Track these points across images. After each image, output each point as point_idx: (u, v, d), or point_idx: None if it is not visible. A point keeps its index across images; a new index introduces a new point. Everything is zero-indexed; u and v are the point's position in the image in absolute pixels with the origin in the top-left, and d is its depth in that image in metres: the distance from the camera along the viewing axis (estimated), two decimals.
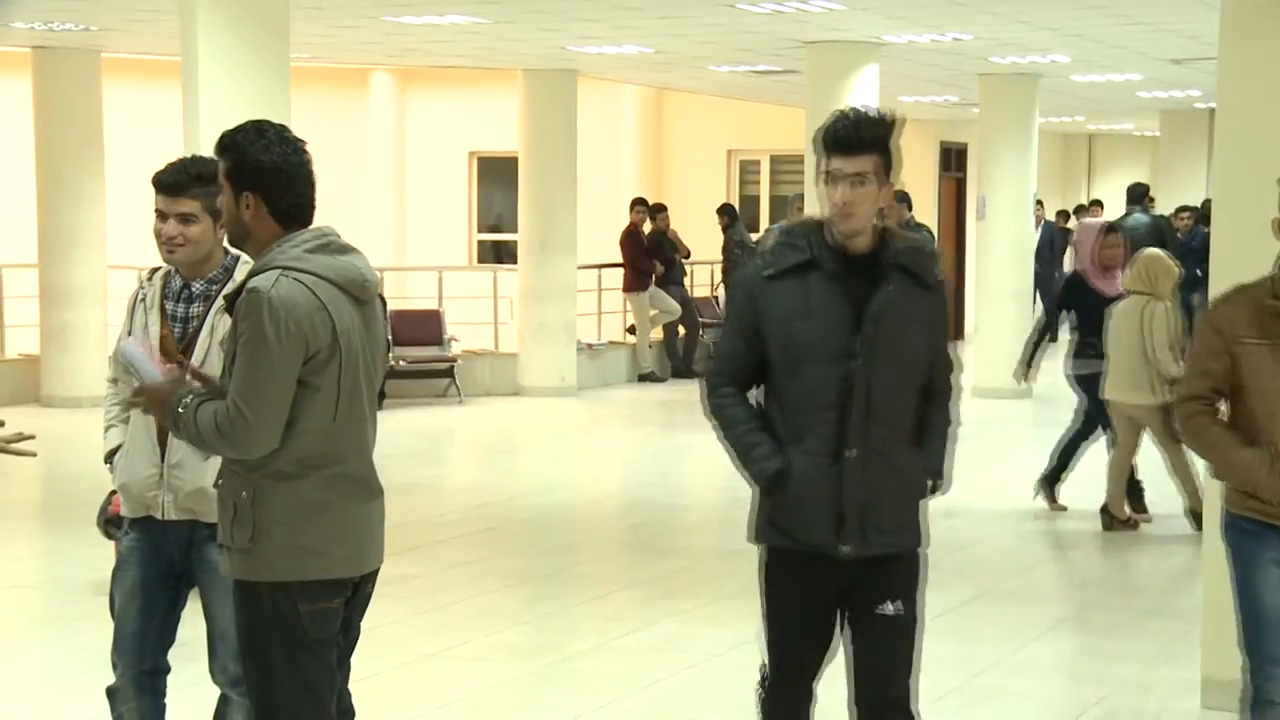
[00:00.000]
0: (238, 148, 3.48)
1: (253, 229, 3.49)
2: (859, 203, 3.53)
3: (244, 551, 3.45)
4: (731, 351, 3.73)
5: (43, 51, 13.28)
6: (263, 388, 3.35)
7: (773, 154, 20.24)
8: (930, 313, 3.66)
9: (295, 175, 3.50)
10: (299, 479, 3.44)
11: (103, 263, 13.40)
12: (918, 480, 3.71)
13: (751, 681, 3.86)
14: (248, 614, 3.50)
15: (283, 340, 3.35)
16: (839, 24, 11.21)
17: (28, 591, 7.28)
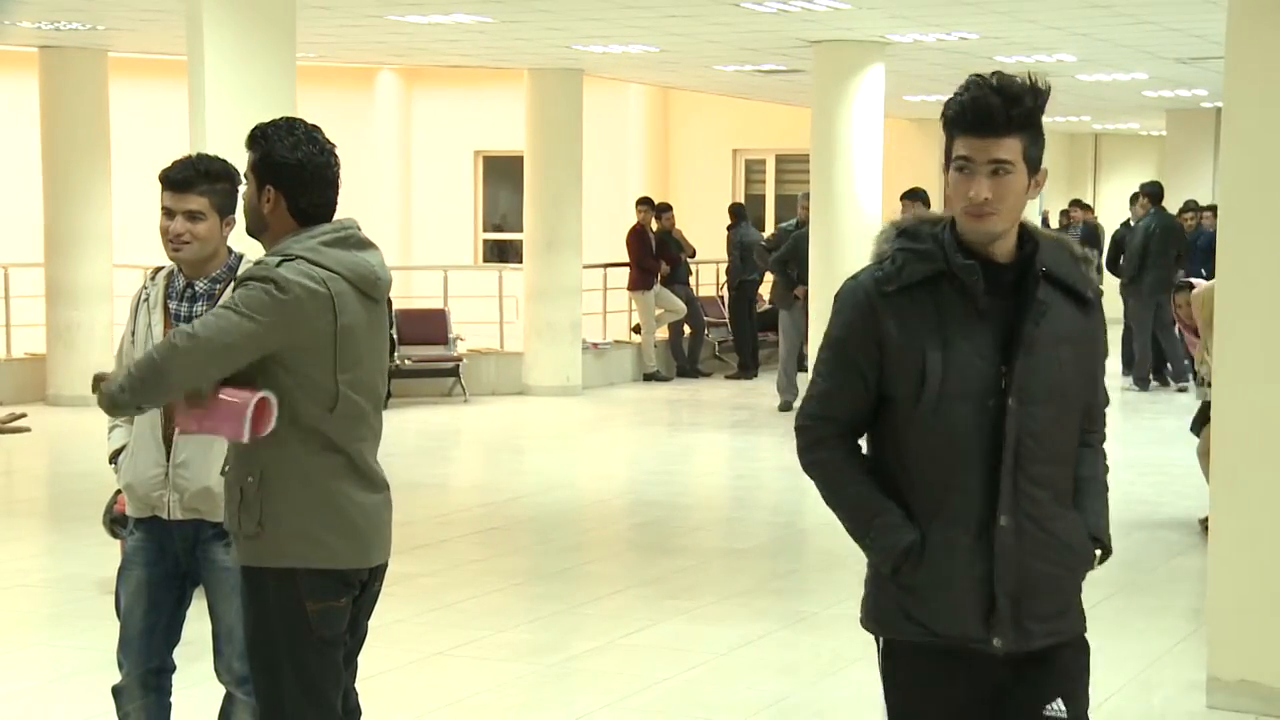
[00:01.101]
0: (266, 141, 3.53)
1: (271, 223, 3.53)
2: (1002, 199, 2.77)
3: (251, 537, 3.47)
4: (836, 389, 2.90)
5: (50, 51, 13.29)
6: (221, 332, 3.36)
7: (778, 153, 20.23)
8: (1089, 335, 2.91)
9: (318, 176, 3.54)
10: (305, 467, 3.46)
11: (108, 262, 13.41)
12: (1081, 551, 2.92)
13: (757, 679, 3.84)
14: (255, 608, 3.51)
15: (267, 314, 3.37)
16: (844, 23, 11.20)
17: (34, 590, 7.29)
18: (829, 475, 2.94)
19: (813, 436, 2.94)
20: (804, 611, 6.84)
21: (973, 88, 2.87)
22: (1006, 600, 2.81)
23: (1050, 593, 2.86)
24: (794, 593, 7.30)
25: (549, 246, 14.61)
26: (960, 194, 2.79)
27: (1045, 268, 2.83)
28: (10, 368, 13.54)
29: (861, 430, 2.93)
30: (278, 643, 3.49)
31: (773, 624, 6.57)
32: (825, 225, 12.12)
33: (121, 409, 3.60)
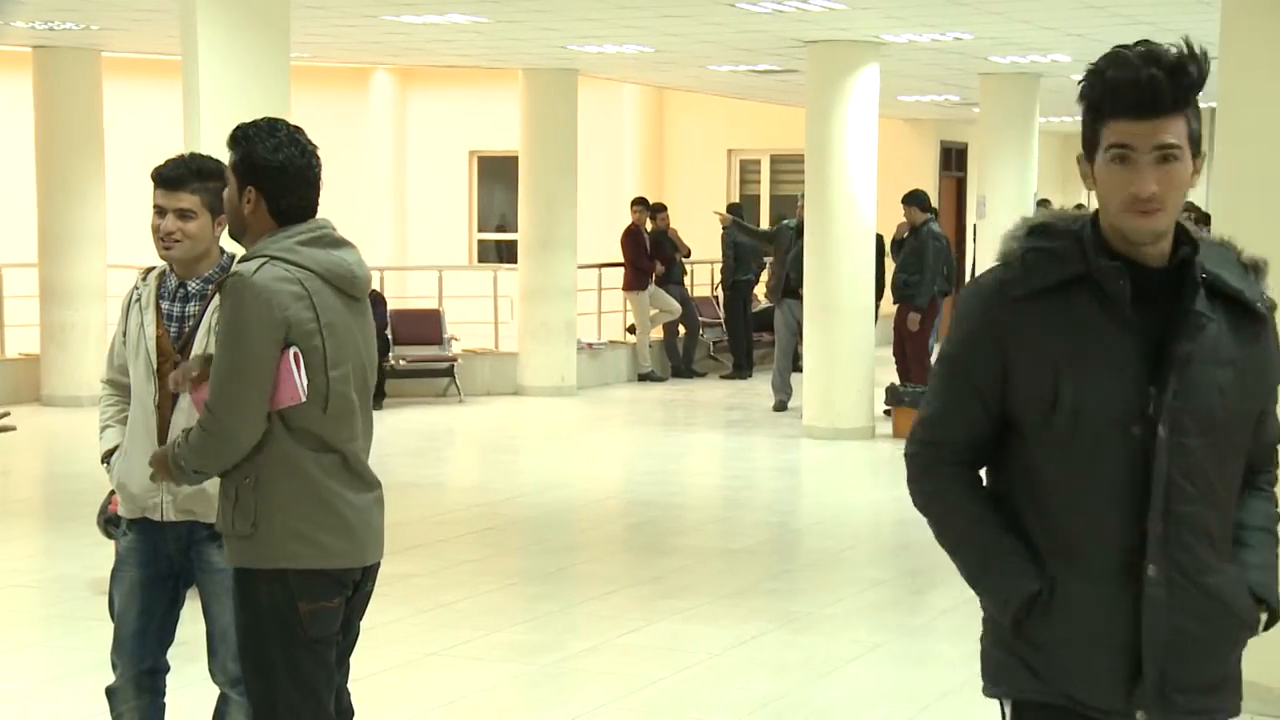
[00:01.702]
0: (248, 142, 3.53)
1: (251, 224, 3.54)
2: (1169, 190, 2.35)
3: (244, 538, 3.48)
4: (950, 411, 2.51)
5: (43, 51, 13.28)
6: (235, 370, 3.41)
7: (773, 153, 20.24)
8: (1259, 357, 2.46)
9: (299, 177, 3.53)
10: (299, 466, 3.46)
11: (103, 262, 13.40)
12: (1242, 614, 2.49)
13: (751, 679, 3.83)
14: (247, 610, 3.52)
15: (259, 323, 3.39)
16: (839, 23, 11.21)
17: (28, 590, 7.28)
18: (941, 509, 2.54)
19: (923, 464, 2.54)
20: (798, 612, 6.84)
21: (1122, 62, 2.39)
22: (1154, 666, 2.40)
23: (1203, 661, 2.44)
24: (788, 593, 7.31)
25: (544, 246, 14.61)
26: (1119, 188, 2.35)
27: (1206, 274, 2.41)
28: (5, 368, 13.53)
29: (982, 458, 2.52)
30: (270, 644, 3.49)
31: (767, 624, 6.57)
32: (820, 226, 12.12)
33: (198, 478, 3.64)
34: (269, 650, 3.49)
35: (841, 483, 10.51)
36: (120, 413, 4.08)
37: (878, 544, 8.53)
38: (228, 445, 3.45)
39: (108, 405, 4.13)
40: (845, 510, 9.31)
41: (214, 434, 3.45)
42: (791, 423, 12.55)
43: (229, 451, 3.45)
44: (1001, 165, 14.64)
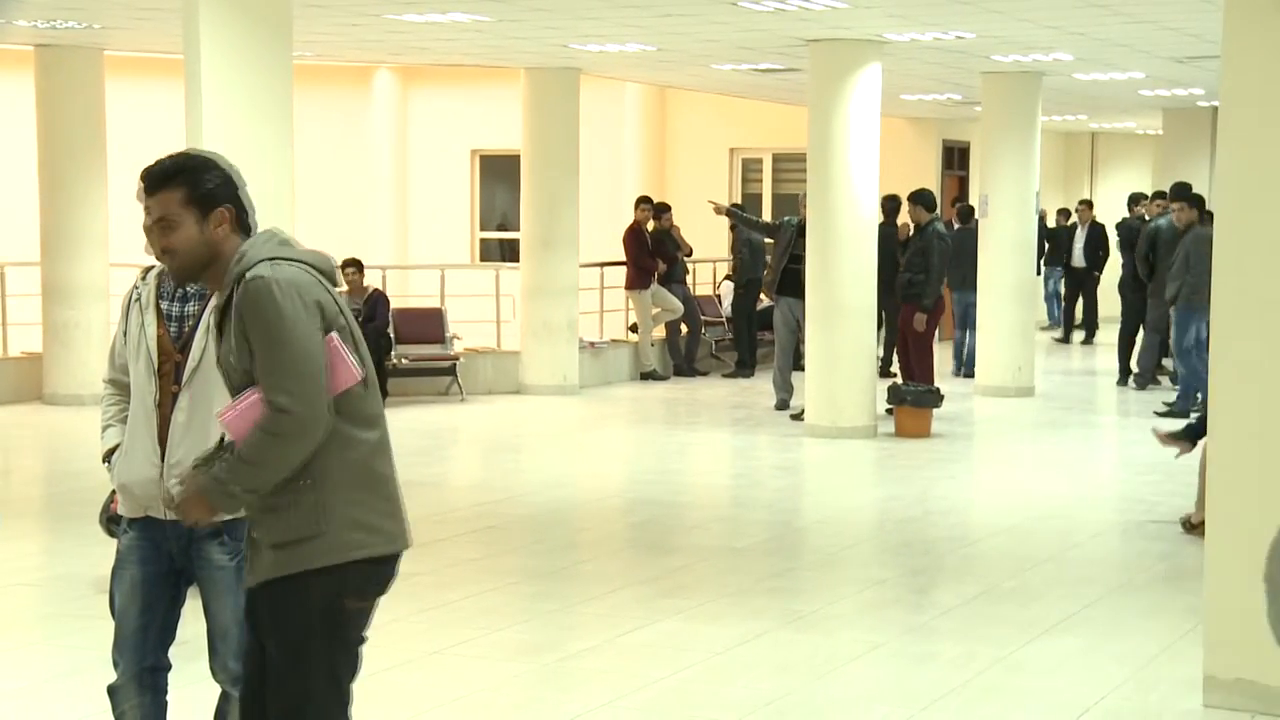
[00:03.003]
0: (202, 169, 3.54)
1: (224, 247, 3.51)
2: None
3: (309, 539, 3.42)
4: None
5: (46, 50, 13.28)
6: (294, 359, 3.35)
7: (775, 152, 20.23)
8: None
9: (245, 190, 3.60)
10: (351, 448, 3.47)
11: (105, 261, 13.40)
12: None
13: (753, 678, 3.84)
14: (298, 609, 3.46)
15: (299, 311, 3.38)
16: (841, 22, 11.20)
17: (30, 589, 7.28)
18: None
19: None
20: (800, 611, 6.84)
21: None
22: None
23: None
24: (790, 592, 7.30)
25: (546, 245, 14.61)
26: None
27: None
28: (7, 367, 13.53)
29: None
30: (318, 643, 3.47)
31: (769, 623, 6.57)
32: (822, 224, 12.11)
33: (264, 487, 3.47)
34: (314, 649, 3.46)
35: (843, 482, 10.51)
36: (121, 412, 4.08)
37: (879, 543, 8.53)
38: (306, 443, 3.37)
39: (109, 405, 4.14)
40: (847, 509, 9.31)
41: (290, 435, 3.35)
42: (793, 421, 12.54)
43: (305, 449, 3.38)
44: (1004, 164, 14.63)
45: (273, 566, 3.46)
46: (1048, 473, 10.84)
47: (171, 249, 3.51)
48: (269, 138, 7.86)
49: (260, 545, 3.49)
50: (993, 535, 8.52)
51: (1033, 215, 14.88)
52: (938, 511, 9.23)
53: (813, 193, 12.24)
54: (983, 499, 9.91)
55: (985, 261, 14.76)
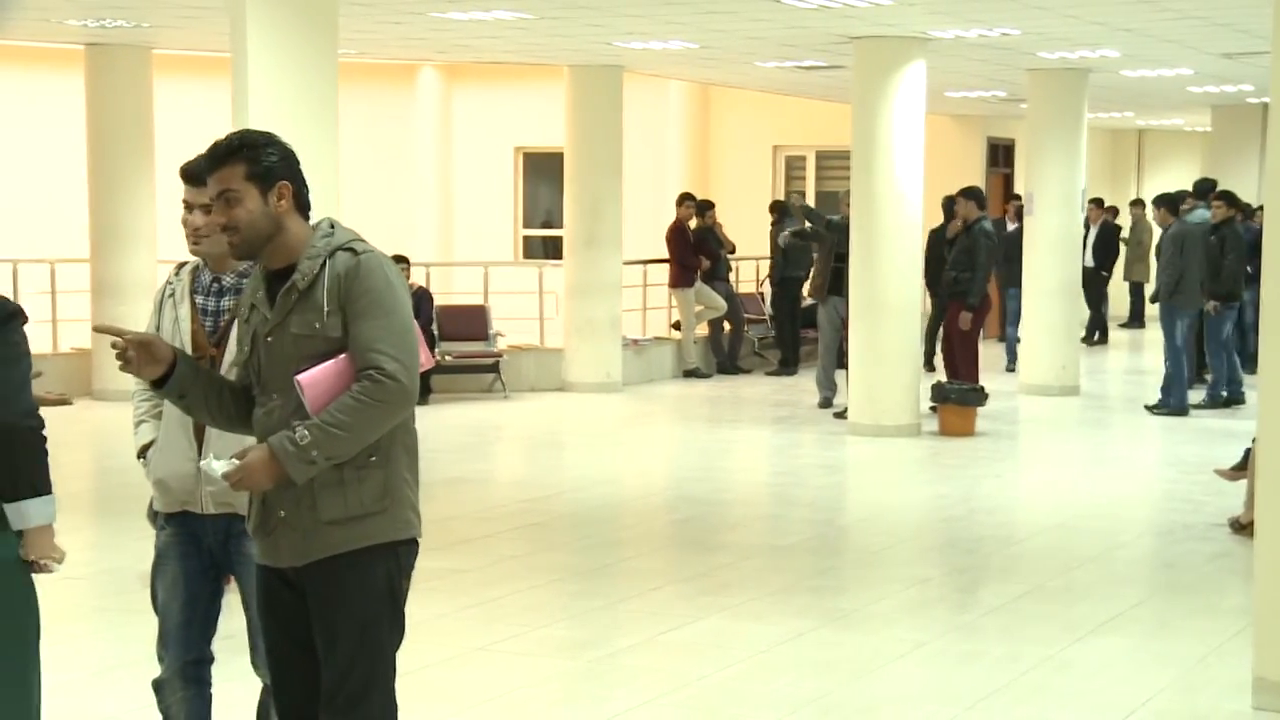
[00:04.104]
0: (263, 145, 3.52)
1: (286, 222, 3.51)
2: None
3: (374, 515, 3.46)
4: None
5: (95, 49, 13.40)
6: (402, 330, 3.43)
7: (819, 150, 20.17)
8: None
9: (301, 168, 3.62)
10: (406, 435, 3.53)
11: (153, 257, 13.51)
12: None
13: (796, 676, 3.85)
14: (363, 591, 3.47)
15: (402, 289, 3.49)
16: (886, 19, 11.16)
17: (79, 582, 7.34)
18: None
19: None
20: (844, 609, 6.82)
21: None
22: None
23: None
24: (834, 590, 7.29)
25: (589, 243, 14.63)
26: None
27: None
28: (57, 362, 13.66)
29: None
30: (383, 625, 3.50)
31: (813, 621, 6.56)
32: (866, 222, 12.07)
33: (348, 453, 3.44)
34: (380, 631, 3.49)
35: (887, 480, 10.47)
36: (154, 408, 4.09)
37: (923, 541, 8.49)
38: (401, 412, 3.43)
39: (141, 401, 4.15)
40: (890, 507, 9.28)
41: (393, 403, 3.38)
42: (836, 419, 12.51)
43: (397, 419, 3.43)
44: (1049, 161, 14.53)
45: (325, 544, 3.46)
46: (1093, 472, 10.77)
47: (234, 224, 3.47)
48: (314, 135, 7.90)
49: (296, 524, 3.47)
50: (1038, 534, 8.47)
51: (1078, 213, 14.78)
52: (982, 510, 9.18)
53: (856, 191, 12.20)
54: (1027, 498, 9.85)
55: (1030, 260, 14.67)
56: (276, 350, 3.49)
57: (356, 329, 3.41)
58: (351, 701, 3.47)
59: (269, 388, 3.51)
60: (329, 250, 3.47)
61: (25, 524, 3.51)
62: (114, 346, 3.54)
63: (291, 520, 3.48)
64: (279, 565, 3.55)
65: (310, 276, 3.45)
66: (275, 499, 3.50)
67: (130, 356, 3.50)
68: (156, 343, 3.56)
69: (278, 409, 3.47)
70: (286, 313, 3.48)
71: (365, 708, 3.48)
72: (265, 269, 3.55)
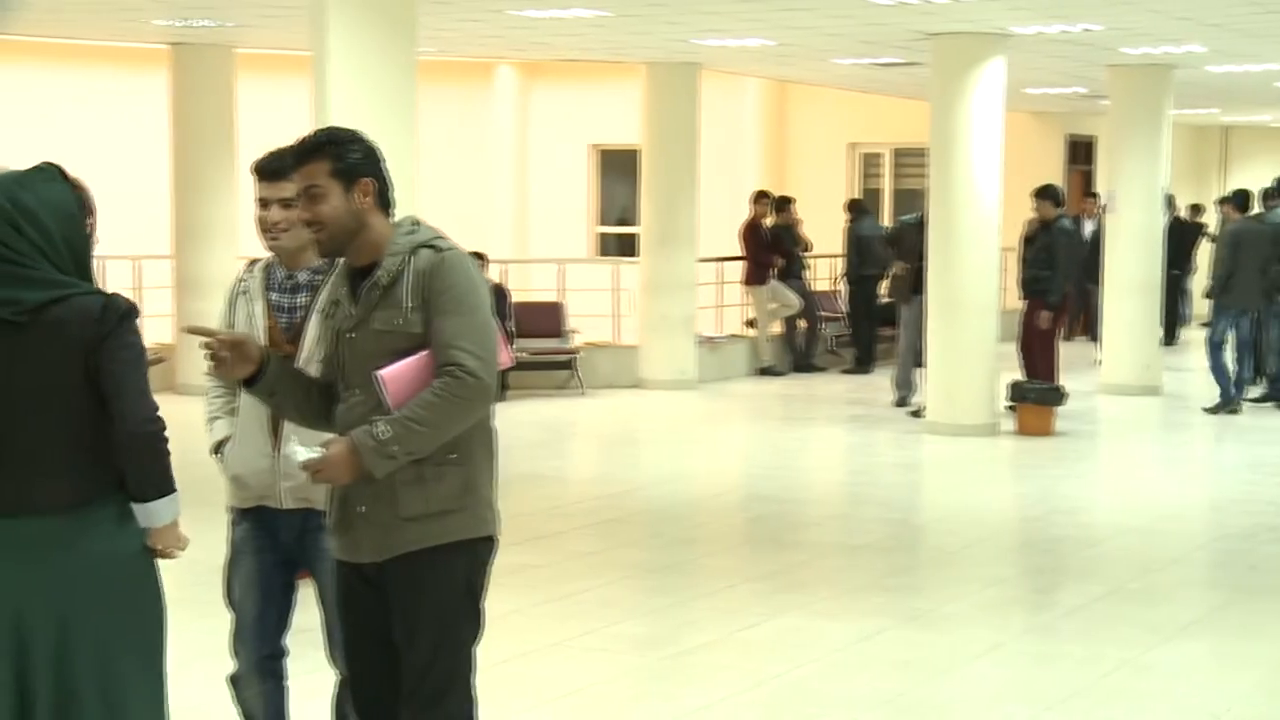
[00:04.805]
0: (347, 141, 3.55)
1: (369, 218, 3.53)
2: None
3: (453, 512, 3.49)
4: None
5: (180, 48, 13.60)
6: (483, 328, 3.47)
7: (896, 147, 20.05)
8: None
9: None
10: (486, 434, 3.56)
11: (235, 254, 13.66)
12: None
13: (872, 675, 3.84)
14: (443, 587, 3.50)
15: (483, 289, 3.52)
16: (965, 15, 11.07)
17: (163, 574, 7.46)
18: None
19: None
20: (919, 609, 6.78)
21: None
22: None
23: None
24: (909, 589, 7.24)
25: (664, 240, 14.63)
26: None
27: None
28: None
29: None
30: (464, 620, 3.53)
31: (888, 621, 6.52)
32: (943, 220, 11.98)
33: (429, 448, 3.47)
34: (459, 628, 3.52)
35: (963, 479, 10.38)
36: (227, 404, 4.11)
37: (1000, 541, 8.42)
38: (481, 409, 3.47)
39: (214, 397, 4.17)
40: (967, 507, 9.20)
41: (474, 399, 3.42)
42: (912, 418, 12.42)
43: (477, 416, 3.46)
44: (1131, 159, 14.34)
45: (404, 540, 3.49)
46: (1174, 473, 10.62)
47: (319, 220, 3.50)
48: (393, 133, 7.94)
49: (375, 520, 3.49)
50: (1117, 535, 8.37)
51: (1160, 212, 14.57)
52: (1060, 510, 9.09)
53: (934, 189, 12.12)
54: (1107, 498, 9.73)
55: (1111, 258, 14.49)
56: (359, 346, 3.52)
57: (438, 326, 3.44)
58: (432, 697, 3.50)
59: (351, 383, 3.54)
60: (412, 247, 3.49)
61: (155, 523, 3.57)
62: (205, 347, 3.57)
63: (371, 516, 3.50)
64: (358, 561, 3.58)
65: (393, 273, 3.49)
66: (355, 495, 3.52)
67: (223, 356, 3.55)
68: (247, 342, 3.60)
69: (359, 404, 3.50)
70: (369, 309, 3.51)
71: (445, 703, 3.51)
72: (349, 265, 3.58)
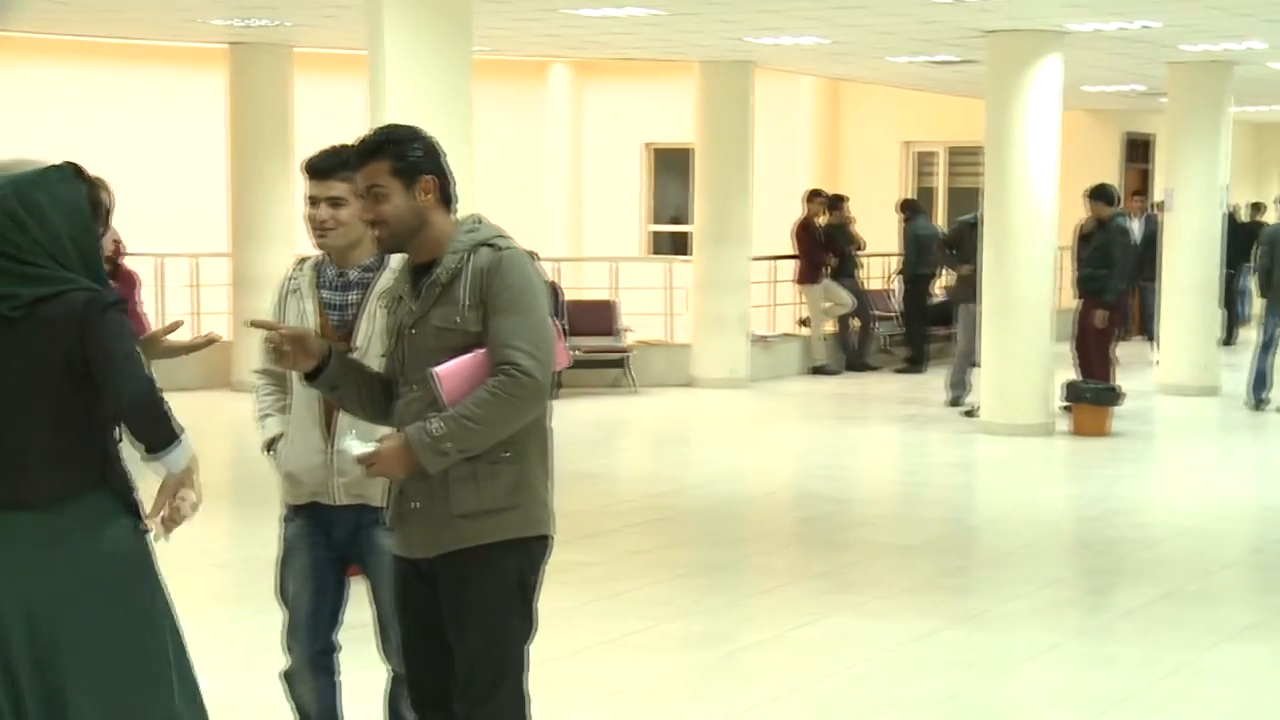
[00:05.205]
0: (410, 139, 3.58)
1: (431, 216, 3.55)
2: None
3: (505, 510, 3.51)
4: None
5: (238, 48, 13.71)
6: (539, 327, 3.48)
7: (950, 146, 19.94)
8: None
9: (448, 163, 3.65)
10: (541, 433, 3.57)
11: (291, 252, 13.75)
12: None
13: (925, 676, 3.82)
14: (491, 584, 3.52)
15: (541, 289, 3.53)
16: (1022, 12, 11.00)
17: (219, 570, 7.54)
18: None
19: None
20: (974, 609, 6.74)
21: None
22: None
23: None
24: (964, 590, 7.20)
25: (718, 239, 14.62)
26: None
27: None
28: (198, 355, 13.84)
29: None
30: (514, 617, 3.55)
31: (942, 621, 6.49)
32: (999, 220, 11.90)
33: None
34: (509, 625, 3.54)
35: (1018, 480, 10.31)
36: (278, 402, 4.14)
37: (1056, 542, 8.36)
38: (534, 409, 3.48)
39: (265, 395, 4.20)
40: (1021, 507, 9.14)
41: (527, 398, 3.43)
42: (966, 418, 12.35)
43: (530, 415, 3.47)
44: (1190, 157, 14.19)
45: (456, 537, 3.51)
46: (1232, 474, 10.51)
47: (382, 218, 3.54)
48: (449, 131, 7.89)
49: (429, 516, 3.52)
50: (1174, 537, 8.29)
51: (1218, 211, 14.42)
52: (1117, 511, 9.01)
53: (989, 188, 12.04)
54: (1164, 500, 9.64)
55: (1169, 257, 14.35)
56: (418, 342, 3.55)
57: (494, 324, 3.45)
58: (482, 694, 3.53)
59: (410, 379, 3.57)
60: (472, 245, 3.51)
61: (175, 469, 3.52)
62: (268, 340, 3.62)
63: (425, 512, 3.53)
64: (412, 557, 3.60)
65: (452, 270, 3.51)
66: (411, 490, 3.55)
67: (286, 350, 3.58)
68: (310, 337, 3.64)
69: (416, 400, 3.53)
70: (429, 306, 3.54)
71: (495, 700, 3.53)
72: (410, 262, 3.62)
